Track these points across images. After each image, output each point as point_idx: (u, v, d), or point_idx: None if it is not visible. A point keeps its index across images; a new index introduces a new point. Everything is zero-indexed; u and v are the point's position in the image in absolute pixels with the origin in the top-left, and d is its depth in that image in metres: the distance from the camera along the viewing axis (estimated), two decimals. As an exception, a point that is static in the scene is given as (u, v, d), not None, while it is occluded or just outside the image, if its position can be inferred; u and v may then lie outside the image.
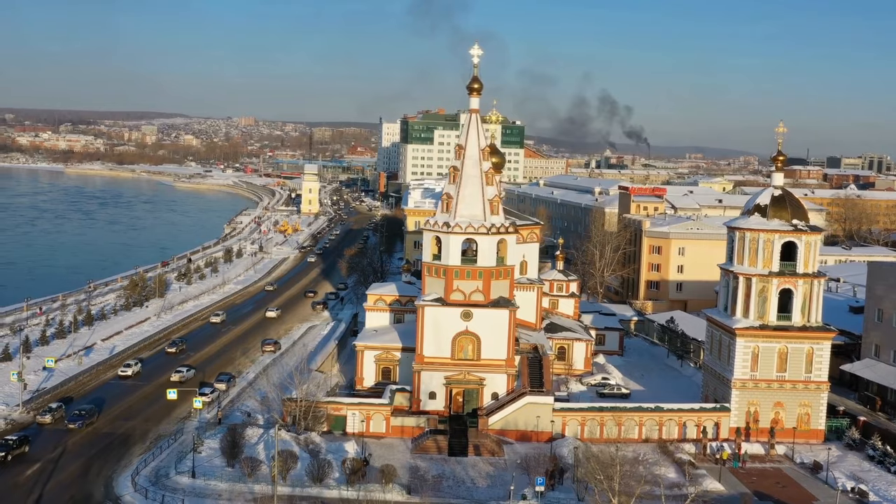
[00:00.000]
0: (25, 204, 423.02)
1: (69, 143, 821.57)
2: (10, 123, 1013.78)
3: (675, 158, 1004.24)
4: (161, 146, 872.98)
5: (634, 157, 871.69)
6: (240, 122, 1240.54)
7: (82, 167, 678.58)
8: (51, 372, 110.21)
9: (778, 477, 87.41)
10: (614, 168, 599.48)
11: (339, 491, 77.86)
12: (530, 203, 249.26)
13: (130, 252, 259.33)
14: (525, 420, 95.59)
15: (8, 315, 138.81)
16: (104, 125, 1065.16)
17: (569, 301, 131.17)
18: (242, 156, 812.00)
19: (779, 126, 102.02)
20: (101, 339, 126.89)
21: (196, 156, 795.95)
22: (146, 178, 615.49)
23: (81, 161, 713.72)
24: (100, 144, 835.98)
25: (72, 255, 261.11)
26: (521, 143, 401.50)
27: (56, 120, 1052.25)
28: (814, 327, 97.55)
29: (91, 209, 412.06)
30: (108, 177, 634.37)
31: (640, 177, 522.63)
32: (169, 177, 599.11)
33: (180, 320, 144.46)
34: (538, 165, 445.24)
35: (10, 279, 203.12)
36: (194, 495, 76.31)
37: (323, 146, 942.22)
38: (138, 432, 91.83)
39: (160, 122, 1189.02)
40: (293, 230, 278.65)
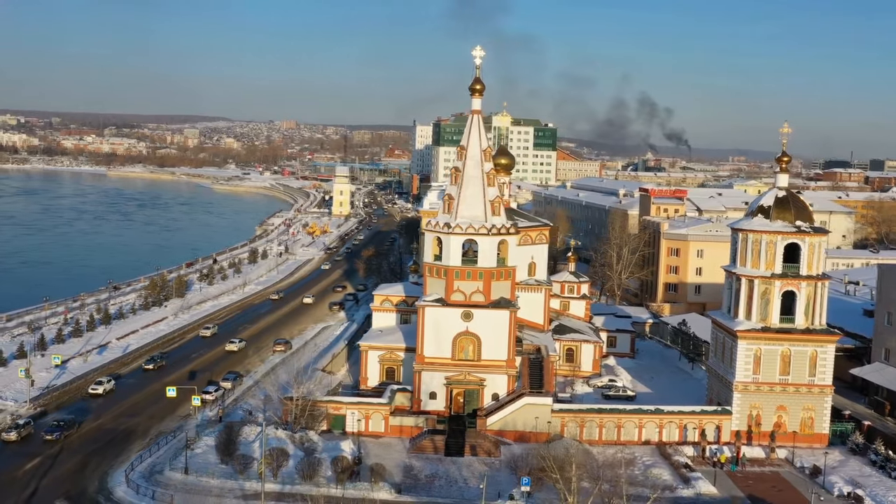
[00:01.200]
0: (66, 205, 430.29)
1: (112, 147, 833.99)
2: (56, 127, 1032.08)
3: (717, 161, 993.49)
4: (202, 149, 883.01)
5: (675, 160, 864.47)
6: (281, 126, 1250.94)
7: (124, 170, 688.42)
8: (62, 369, 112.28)
9: (775, 481, 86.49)
10: (652, 171, 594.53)
11: (327, 489, 78.38)
12: (556, 205, 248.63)
13: (163, 253, 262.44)
14: (524, 421, 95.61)
15: (28, 314, 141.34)
16: (148, 128, 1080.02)
17: (580, 303, 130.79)
18: (282, 159, 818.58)
19: (783, 126, 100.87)
20: (115, 337, 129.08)
21: (236, 158, 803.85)
22: (185, 181, 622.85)
23: (123, 164, 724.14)
24: (142, 147, 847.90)
25: (108, 256, 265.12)
26: (554, 145, 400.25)
27: (101, 123, 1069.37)
28: (818, 330, 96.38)
29: (129, 211, 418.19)
30: (149, 179, 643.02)
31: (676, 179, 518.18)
32: (207, 179, 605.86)
33: (196, 320, 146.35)
34: (572, 168, 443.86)
35: (46, 278, 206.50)
36: (185, 491, 77.35)
37: (362, 149, 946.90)
38: (141, 429, 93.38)
39: (203, 125, 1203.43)
40: (321, 232, 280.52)
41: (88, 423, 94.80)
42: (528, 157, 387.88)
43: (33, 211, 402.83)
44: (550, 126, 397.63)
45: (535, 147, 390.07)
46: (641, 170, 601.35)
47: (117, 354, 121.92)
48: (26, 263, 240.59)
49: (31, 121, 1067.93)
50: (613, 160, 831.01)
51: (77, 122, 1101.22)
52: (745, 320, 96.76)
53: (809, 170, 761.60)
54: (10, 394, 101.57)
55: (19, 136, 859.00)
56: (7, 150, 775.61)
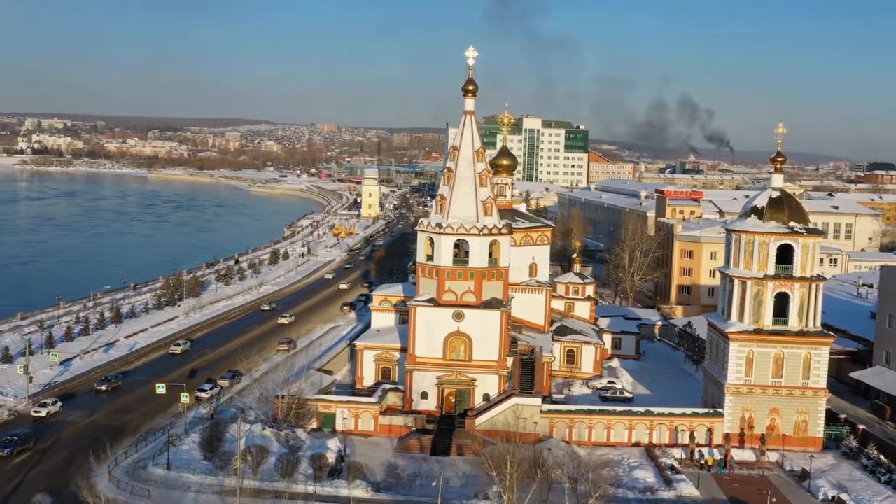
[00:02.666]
0: (104, 207, 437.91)
1: (154, 150, 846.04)
2: (101, 130, 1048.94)
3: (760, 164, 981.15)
4: (243, 152, 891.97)
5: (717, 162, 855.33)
6: (323, 129, 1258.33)
7: (164, 172, 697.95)
8: (66, 366, 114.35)
9: (761, 484, 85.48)
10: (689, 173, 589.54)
11: (305, 486, 79.04)
12: (580, 207, 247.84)
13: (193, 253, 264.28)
14: (512, 421, 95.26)
15: (43, 313, 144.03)
16: (190, 131, 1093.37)
17: (584, 304, 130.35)
18: (320, 161, 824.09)
19: (778, 126, 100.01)
20: (124, 336, 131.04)
21: (275, 161, 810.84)
22: (224, 183, 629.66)
23: (164, 166, 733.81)
24: (183, 150, 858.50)
25: (139, 256, 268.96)
26: (586, 147, 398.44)
27: (145, 127, 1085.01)
28: (812, 332, 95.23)
29: (164, 212, 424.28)
30: (188, 181, 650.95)
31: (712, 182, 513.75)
32: (245, 182, 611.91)
33: (207, 319, 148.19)
34: (604, 170, 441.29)
35: (76, 276, 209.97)
36: (165, 486, 78.50)
37: (401, 151, 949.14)
38: (132, 425, 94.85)
39: (246, 128, 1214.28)
40: (347, 233, 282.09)
41: (82, 418, 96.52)
42: (559, 159, 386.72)
43: (73, 212, 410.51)
44: (582, 128, 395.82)
45: (567, 149, 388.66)
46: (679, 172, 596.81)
47: (123, 353, 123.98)
48: (62, 263, 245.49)
49: (77, 124, 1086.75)
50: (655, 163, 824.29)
51: (122, 125, 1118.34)
52: (738, 322, 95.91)
53: (853, 172, 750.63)
54: (12, 390, 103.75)
55: (64, 140, 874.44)
56: (52, 153, 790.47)
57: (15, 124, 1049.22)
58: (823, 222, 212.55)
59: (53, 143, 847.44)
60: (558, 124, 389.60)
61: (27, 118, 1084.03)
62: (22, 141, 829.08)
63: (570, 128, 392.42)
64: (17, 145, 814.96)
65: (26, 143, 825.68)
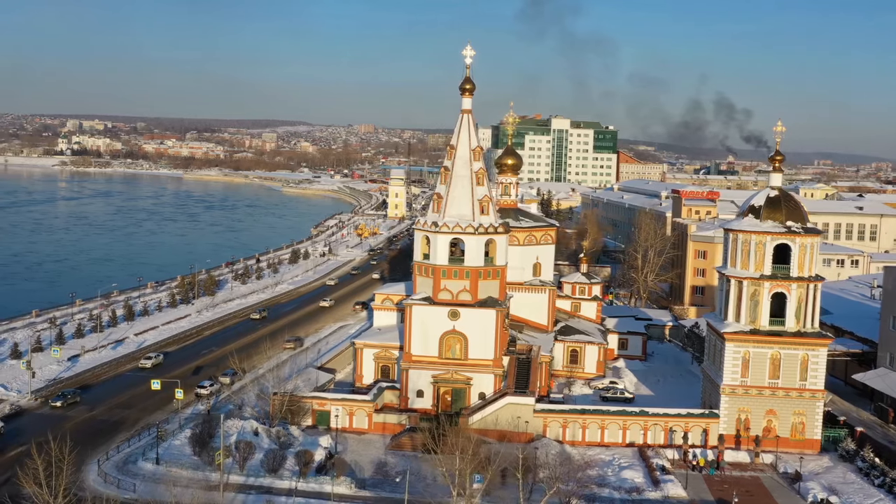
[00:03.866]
0: (138, 207, 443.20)
1: (191, 151, 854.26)
2: (140, 132, 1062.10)
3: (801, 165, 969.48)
4: (278, 153, 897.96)
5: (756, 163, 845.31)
6: (359, 130, 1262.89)
7: (200, 173, 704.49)
8: (74, 362, 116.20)
9: (751, 486, 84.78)
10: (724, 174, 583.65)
11: (290, 482, 79.66)
12: (602, 207, 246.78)
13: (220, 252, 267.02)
14: (506, 420, 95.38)
15: (57, 310, 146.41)
16: (228, 133, 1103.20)
17: (591, 304, 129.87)
18: (355, 162, 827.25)
19: (777, 125, 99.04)
20: (134, 333, 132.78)
21: (310, 162, 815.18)
22: (257, 184, 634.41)
23: (200, 167, 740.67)
24: (220, 151, 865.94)
25: (168, 254, 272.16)
26: (614, 147, 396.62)
27: (183, 128, 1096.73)
28: (809, 333, 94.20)
29: (196, 212, 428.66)
30: (223, 182, 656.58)
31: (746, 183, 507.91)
32: (278, 182, 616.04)
33: (218, 317, 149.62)
34: (634, 171, 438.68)
35: (104, 274, 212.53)
36: (152, 481, 79.42)
37: (436, 152, 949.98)
38: (130, 420, 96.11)
39: (284, 129, 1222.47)
40: (370, 233, 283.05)
41: (82, 413, 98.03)
42: (588, 159, 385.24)
43: (107, 212, 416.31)
44: (611, 129, 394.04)
45: (596, 150, 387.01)
46: (714, 173, 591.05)
47: (131, 349, 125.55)
48: (93, 261, 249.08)
49: (117, 126, 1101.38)
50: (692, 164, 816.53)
51: (161, 126, 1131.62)
52: (734, 322, 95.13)
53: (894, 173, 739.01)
54: (17, 385, 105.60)
55: (103, 141, 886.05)
56: (91, 154, 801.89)
57: (57, 126, 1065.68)
58: (847, 223, 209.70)
59: (93, 145, 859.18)
60: (587, 125, 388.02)
61: (69, 120, 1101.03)
62: (62, 142, 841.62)
63: (599, 128, 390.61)
64: (57, 146, 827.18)
65: (66, 144, 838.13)
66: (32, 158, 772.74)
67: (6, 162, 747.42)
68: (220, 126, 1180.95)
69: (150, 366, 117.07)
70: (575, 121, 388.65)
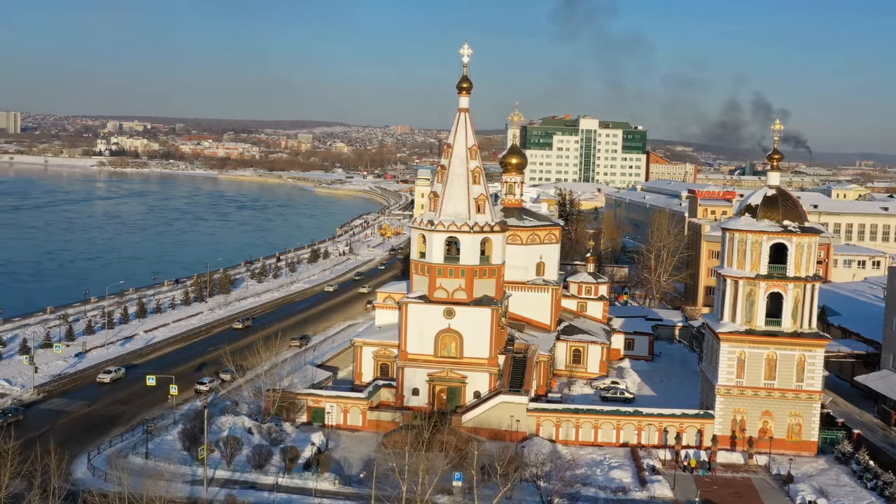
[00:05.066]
0: (170, 206, 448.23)
1: (227, 151, 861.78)
2: (179, 132, 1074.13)
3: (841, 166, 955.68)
4: (313, 153, 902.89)
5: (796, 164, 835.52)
6: (395, 131, 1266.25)
7: (235, 173, 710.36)
8: (81, 357, 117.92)
9: (740, 487, 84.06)
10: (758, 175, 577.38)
11: (275, 478, 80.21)
12: (624, 207, 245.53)
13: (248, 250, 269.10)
14: (499, 419, 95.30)
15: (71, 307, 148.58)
16: (264, 133, 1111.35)
17: (597, 304, 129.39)
18: (389, 163, 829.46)
19: (775, 123, 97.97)
20: (143, 330, 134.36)
21: (345, 163, 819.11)
22: (291, 184, 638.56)
23: (235, 168, 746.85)
24: (255, 152, 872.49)
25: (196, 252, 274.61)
26: (643, 148, 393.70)
27: (221, 129, 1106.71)
28: (806, 334, 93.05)
29: (227, 211, 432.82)
30: (257, 182, 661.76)
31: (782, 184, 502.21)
32: (311, 182, 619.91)
33: (230, 315, 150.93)
34: (665, 171, 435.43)
35: (131, 271, 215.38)
36: (139, 475, 79.83)
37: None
38: (127, 416, 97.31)
39: (321, 130, 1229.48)
40: (393, 233, 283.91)
41: (81, 408, 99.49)
42: (617, 160, 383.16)
43: (139, 211, 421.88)
44: (640, 129, 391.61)
45: (624, 150, 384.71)
46: (749, 174, 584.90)
47: (139, 345, 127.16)
48: (124, 259, 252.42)
49: (156, 127, 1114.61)
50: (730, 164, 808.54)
51: (199, 127, 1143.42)
52: (730, 322, 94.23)
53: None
54: (21, 380, 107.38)
55: (141, 142, 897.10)
56: (129, 155, 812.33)
57: (98, 127, 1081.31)
58: (872, 224, 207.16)
59: (131, 145, 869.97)
60: (616, 125, 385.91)
61: (109, 121, 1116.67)
62: (101, 143, 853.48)
63: (629, 128, 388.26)
64: (96, 147, 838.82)
65: (105, 145, 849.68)
66: (72, 159, 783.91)
67: (46, 162, 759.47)
68: (258, 127, 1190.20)
69: (109, 380, 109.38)
70: (603, 121, 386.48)
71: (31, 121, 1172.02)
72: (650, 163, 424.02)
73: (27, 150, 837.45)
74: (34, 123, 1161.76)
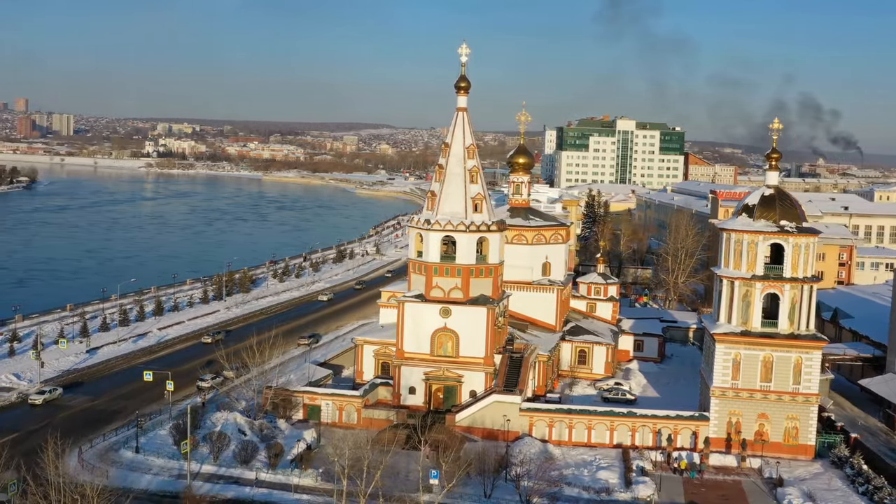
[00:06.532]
0: (212, 207, 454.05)
1: (272, 153, 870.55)
2: (226, 135, 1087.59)
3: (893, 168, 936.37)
4: (357, 155, 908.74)
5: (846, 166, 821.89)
6: (442, 133, 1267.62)
7: (278, 175, 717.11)
8: (92, 354, 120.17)
9: (728, 489, 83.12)
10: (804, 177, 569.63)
11: (259, 473, 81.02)
12: (654, 209, 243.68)
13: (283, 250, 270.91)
14: (492, 418, 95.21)
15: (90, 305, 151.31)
16: (311, 135, 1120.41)
17: (607, 305, 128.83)
18: (432, 164, 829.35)
19: (774, 122, 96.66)
20: (157, 328, 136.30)
21: (388, 164, 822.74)
22: (333, 185, 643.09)
23: (280, 169, 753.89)
24: (300, 154, 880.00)
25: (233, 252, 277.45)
26: (681, 149, 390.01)
27: (268, 131, 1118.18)
28: (803, 336, 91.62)
29: (267, 212, 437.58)
30: (300, 184, 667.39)
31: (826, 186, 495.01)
32: (353, 184, 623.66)
33: (246, 313, 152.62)
34: (703, 172, 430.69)
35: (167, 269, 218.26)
36: (127, 468, 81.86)
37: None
38: (127, 411, 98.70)
39: (367, 132, 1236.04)
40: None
41: (83, 402, 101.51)
42: (654, 161, 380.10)
43: (181, 211, 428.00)
44: (678, 130, 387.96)
45: (662, 151, 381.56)
46: (794, 176, 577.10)
47: (151, 342, 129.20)
48: (161, 258, 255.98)
49: (205, 129, 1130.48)
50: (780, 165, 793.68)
51: (247, 129, 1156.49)
52: (726, 323, 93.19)
53: None
54: (30, 375, 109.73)
55: (188, 143, 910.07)
56: (176, 157, 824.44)
57: (148, 129, 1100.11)
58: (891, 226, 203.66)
59: (178, 147, 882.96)
60: (653, 126, 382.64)
61: (159, 123, 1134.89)
62: (149, 145, 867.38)
63: (666, 129, 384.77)
64: (144, 149, 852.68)
65: (152, 146, 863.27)
66: (120, 160, 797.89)
67: (96, 164, 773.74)
68: (304, 129, 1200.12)
69: (41, 402, 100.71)
70: (640, 122, 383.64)
71: (84, 123, 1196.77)
72: (689, 164, 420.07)
73: (78, 151, 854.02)
74: (87, 126, 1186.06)
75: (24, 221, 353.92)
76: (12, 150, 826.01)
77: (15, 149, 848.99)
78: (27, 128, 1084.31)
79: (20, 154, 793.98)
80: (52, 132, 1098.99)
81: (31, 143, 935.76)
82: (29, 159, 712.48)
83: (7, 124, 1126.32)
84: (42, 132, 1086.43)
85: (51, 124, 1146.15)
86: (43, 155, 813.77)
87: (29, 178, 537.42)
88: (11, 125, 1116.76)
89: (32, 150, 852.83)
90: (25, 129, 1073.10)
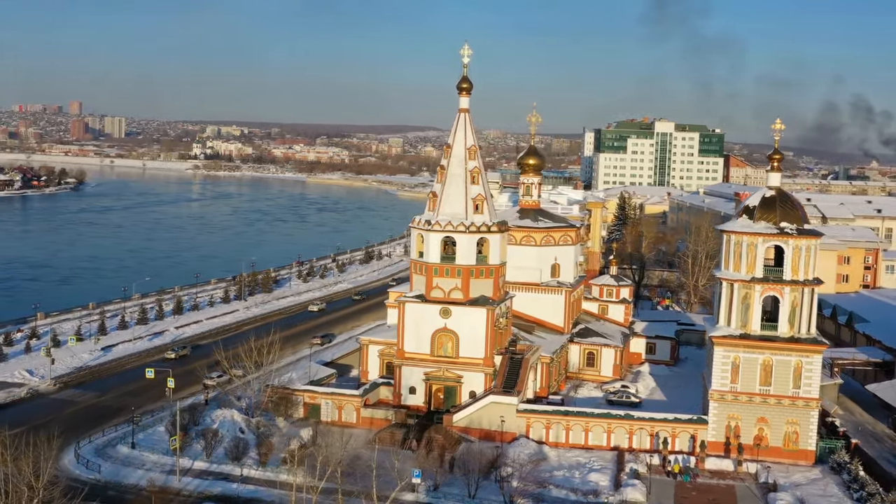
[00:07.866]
0: (254, 208, 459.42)
1: (317, 155, 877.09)
2: (274, 137, 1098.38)
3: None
4: (402, 157, 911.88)
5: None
6: (489, 135, 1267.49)
7: (322, 177, 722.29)
8: (106, 351, 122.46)
9: (720, 494, 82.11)
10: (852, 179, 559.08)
11: (249, 470, 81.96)
12: (685, 211, 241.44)
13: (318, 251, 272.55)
14: (489, 419, 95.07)
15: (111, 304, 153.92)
16: (356, 138, 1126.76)
17: (619, 307, 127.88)
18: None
19: (776, 122, 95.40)
20: (174, 326, 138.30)
21: (433, 167, 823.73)
22: (375, 187, 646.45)
23: (324, 171, 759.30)
24: (345, 156, 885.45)
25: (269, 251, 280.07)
26: (721, 151, 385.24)
27: (315, 133, 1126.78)
28: (803, 339, 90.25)
29: (307, 213, 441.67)
30: (343, 186, 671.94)
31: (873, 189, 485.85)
32: (395, 186, 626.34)
33: (265, 313, 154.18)
34: (744, 174, 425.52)
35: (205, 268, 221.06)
36: (121, 464, 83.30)
37: (559, 157, 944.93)
38: (131, 407, 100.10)
39: (414, 135, 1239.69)
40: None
41: (90, 399, 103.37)
42: (693, 163, 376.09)
43: (224, 213, 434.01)
44: (717, 132, 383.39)
45: (701, 153, 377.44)
46: (842, 178, 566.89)
47: (166, 341, 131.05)
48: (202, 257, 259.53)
49: (253, 131, 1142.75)
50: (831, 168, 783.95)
51: (294, 132, 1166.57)
52: (725, 326, 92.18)
53: None
54: (42, 371, 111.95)
55: (235, 146, 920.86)
56: (223, 159, 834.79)
57: (197, 132, 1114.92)
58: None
59: (225, 149, 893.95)
60: (692, 128, 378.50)
61: (208, 126, 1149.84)
62: (196, 147, 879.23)
63: (706, 131, 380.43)
64: (191, 151, 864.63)
65: (200, 149, 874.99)
66: (168, 162, 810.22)
67: (144, 165, 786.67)
68: (351, 131, 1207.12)
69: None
70: (680, 124, 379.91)
71: (135, 126, 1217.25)
72: (730, 166, 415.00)
73: (127, 153, 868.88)
74: (138, 128, 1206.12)
75: (71, 221, 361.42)
76: (64, 153, 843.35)
77: (67, 151, 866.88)
78: (80, 130, 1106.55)
79: (71, 156, 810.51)
80: (104, 135, 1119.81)
81: (82, 145, 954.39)
82: (80, 161, 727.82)
83: (61, 127, 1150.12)
84: (94, 135, 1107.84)
85: (103, 127, 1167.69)
86: (93, 157, 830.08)
87: (77, 179, 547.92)
88: (65, 128, 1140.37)
89: (84, 153, 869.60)
90: (78, 132, 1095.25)
